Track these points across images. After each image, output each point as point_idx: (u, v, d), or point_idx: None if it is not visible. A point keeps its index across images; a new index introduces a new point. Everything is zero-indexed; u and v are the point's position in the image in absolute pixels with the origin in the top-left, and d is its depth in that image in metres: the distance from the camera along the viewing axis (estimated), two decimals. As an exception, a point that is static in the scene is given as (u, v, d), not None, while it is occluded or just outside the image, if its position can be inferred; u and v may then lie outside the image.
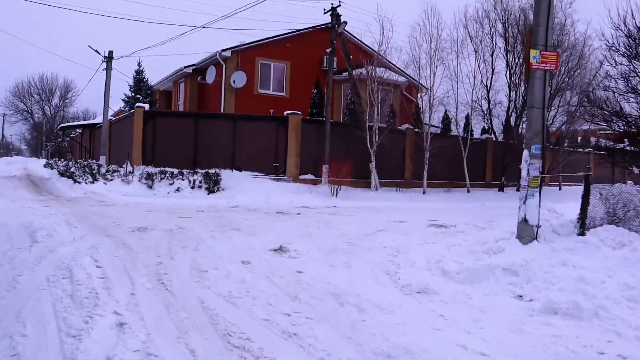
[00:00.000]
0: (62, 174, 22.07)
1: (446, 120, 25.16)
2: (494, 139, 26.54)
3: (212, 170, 16.82)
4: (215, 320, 4.57)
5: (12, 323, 4.21)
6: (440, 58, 21.03)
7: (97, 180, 17.34)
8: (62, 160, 32.30)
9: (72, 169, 19.28)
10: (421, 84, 24.96)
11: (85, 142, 32.70)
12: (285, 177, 18.59)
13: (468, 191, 23.06)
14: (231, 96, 23.88)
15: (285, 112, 19.03)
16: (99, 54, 21.05)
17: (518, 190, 25.24)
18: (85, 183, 17.32)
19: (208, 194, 16.33)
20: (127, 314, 4.54)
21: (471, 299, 5.90)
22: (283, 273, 6.61)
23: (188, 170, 17.00)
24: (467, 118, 25.35)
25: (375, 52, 21.35)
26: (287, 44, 25.48)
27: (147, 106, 18.55)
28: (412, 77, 24.77)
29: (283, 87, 25.71)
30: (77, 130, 38.86)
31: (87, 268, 6.08)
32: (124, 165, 17.65)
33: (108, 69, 21.05)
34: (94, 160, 22.58)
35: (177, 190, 16.13)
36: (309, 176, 19.07)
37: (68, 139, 45.16)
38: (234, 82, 23.29)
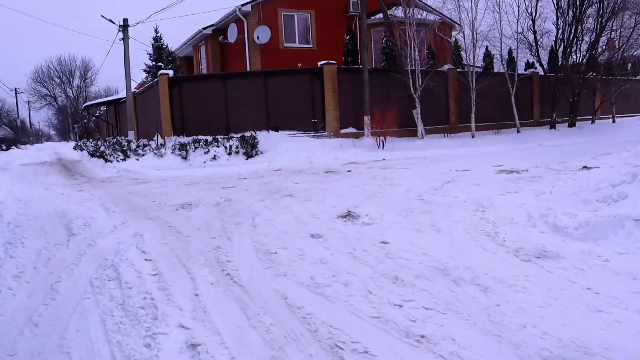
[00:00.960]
0: (92, 155, 21.21)
1: (488, 57, 23.37)
2: (540, 72, 24.70)
3: (247, 134, 15.70)
4: (311, 324, 3.48)
5: (54, 356, 3.19)
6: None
7: (128, 157, 16.40)
8: (91, 140, 31.65)
9: (102, 149, 18.37)
10: (454, 21, 23.21)
11: (111, 120, 31.86)
12: (325, 133, 17.36)
13: (518, 131, 21.53)
14: (256, 53, 22.55)
15: (319, 63, 17.65)
16: (113, 23, 19.84)
17: (571, 126, 23.76)
18: (117, 161, 16.40)
19: (246, 159, 15.27)
20: (196, 327, 3.49)
21: (607, 261, 4.70)
22: (365, 245, 5.50)
23: (222, 136, 15.91)
24: (510, 52, 23.53)
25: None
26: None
27: (171, 72, 17.40)
28: (444, 15, 23.01)
29: (309, 38, 24.24)
30: (102, 108, 38.08)
31: (135, 263, 5.06)
32: (155, 138, 16.66)
33: (125, 38, 19.85)
34: (123, 137, 21.67)
35: (214, 158, 15.09)
36: (350, 129, 17.81)
37: (94, 118, 44.52)
38: (257, 37, 21.94)
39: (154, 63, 22.92)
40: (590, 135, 20.80)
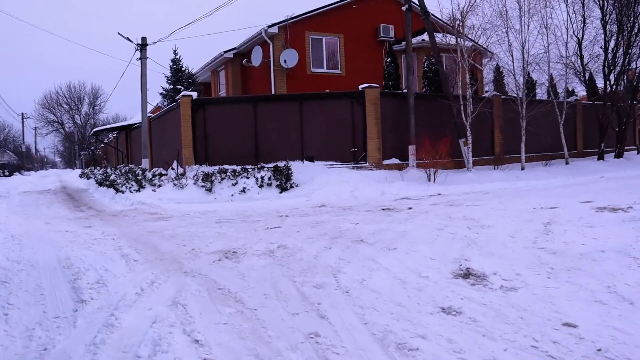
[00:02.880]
0: (100, 184, 19.35)
1: (530, 83, 21.53)
2: (582, 101, 22.87)
3: (280, 164, 13.73)
4: None
5: None
6: (535, 6, 17.39)
7: (143, 187, 14.45)
8: (98, 168, 29.79)
9: (112, 177, 16.46)
10: (487, 49, 21.50)
11: (121, 147, 30.01)
12: (367, 164, 15.38)
13: (567, 163, 19.53)
14: (282, 79, 20.81)
15: (360, 86, 15.77)
16: (131, 41, 18.13)
17: (618, 157, 21.80)
18: (130, 192, 14.44)
19: (280, 192, 13.27)
20: None
21: None
22: (542, 330, 3.53)
23: (252, 166, 13.96)
24: (551, 79, 21.75)
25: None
26: (339, 14, 22.29)
27: (194, 94, 15.53)
28: (475, 42, 21.35)
29: (337, 64, 22.53)
30: (111, 134, 36.34)
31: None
32: (173, 167, 14.72)
33: (142, 58, 18.12)
34: (135, 165, 19.77)
35: (243, 191, 13.10)
36: (394, 160, 15.82)
37: (102, 145, 42.76)
38: (284, 61, 20.21)
39: (172, 86, 21.14)
40: (648, 168, 18.84)
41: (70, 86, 64.75)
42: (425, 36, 22.31)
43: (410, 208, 10.34)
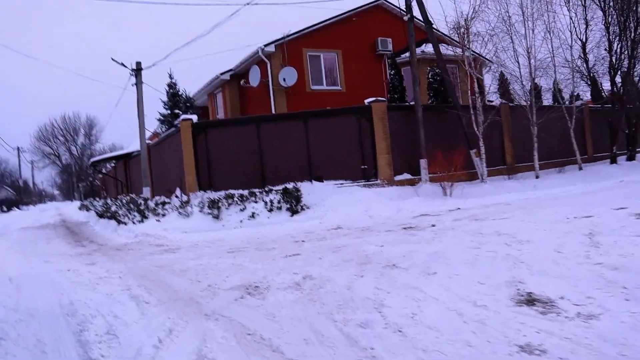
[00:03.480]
0: (101, 215, 18.67)
1: (535, 89, 21.03)
2: (589, 104, 22.38)
3: (290, 185, 13.10)
4: None
5: None
6: (538, 10, 16.93)
7: (146, 217, 13.79)
8: (98, 199, 29.12)
9: (113, 208, 15.80)
10: (486, 58, 21.05)
11: (120, 176, 29.35)
12: (378, 181, 14.75)
13: (580, 168, 18.94)
14: (281, 97, 20.32)
15: (367, 100, 15.21)
16: (125, 66, 17.61)
17: (630, 159, 21.24)
18: (133, 223, 13.78)
19: (291, 215, 12.62)
20: None
21: None
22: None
23: (259, 190, 13.32)
24: (556, 84, 21.30)
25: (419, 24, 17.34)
26: (335, 29, 21.89)
27: (194, 117, 14.95)
28: (475, 52, 20.94)
29: (337, 80, 22.06)
30: (109, 164, 35.72)
31: None
32: (177, 194, 14.08)
33: (138, 83, 17.58)
34: (135, 195, 19.12)
35: (252, 216, 12.46)
36: (405, 176, 15.20)
37: (100, 175, 42.14)
38: (283, 80, 19.76)
39: (169, 111, 20.58)
40: (666, 171, 18.29)
41: (65, 118, 64.48)
42: (425, 47, 21.93)
43: (433, 225, 9.70)
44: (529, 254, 6.30)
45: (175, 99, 20.74)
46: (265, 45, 20.08)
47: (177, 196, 13.84)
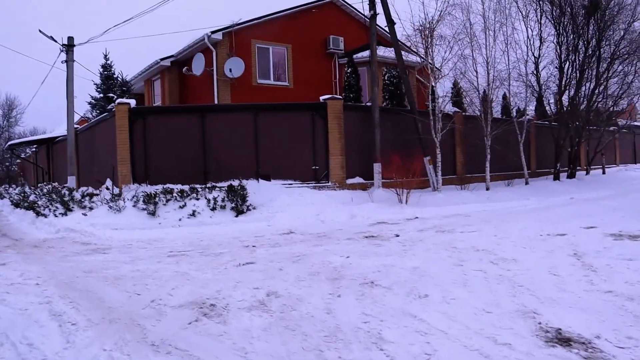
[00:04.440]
0: (17, 205, 16.75)
1: (485, 101, 20.87)
2: (534, 120, 22.50)
3: (235, 183, 11.97)
4: None
5: None
6: (499, 21, 16.61)
7: (71, 210, 12.27)
8: (14, 186, 26.66)
9: (32, 197, 14.10)
10: (436, 67, 20.76)
11: (41, 162, 26.98)
12: (329, 184, 13.84)
13: (526, 183, 18.87)
14: (226, 89, 19.09)
15: (322, 97, 14.28)
16: (55, 41, 15.81)
17: (570, 177, 21.49)
18: (55, 216, 12.23)
19: (236, 215, 11.50)
20: None
21: None
22: None
23: (201, 186, 12.11)
24: (505, 97, 21.28)
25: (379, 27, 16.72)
26: (287, 23, 20.89)
27: (132, 102, 13.50)
28: (426, 59, 20.63)
29: (285, 75, 21.05)
30: (30, 149, 32.98)
31: None
32: (108, 186, 12.64)
33: (69, 60, 15.83)
34: (58, 184, 17.33)
35: (192, 214, 11.24)
36: (358, 179, 14.38)
37: (18, 160, 39.00)
38: (229, 70, 18.52)
39: (102, 95, 18.85)
40: (607, 188, 18.52)
41: (-18, 96, 59.61)
42: (378, 51, 21.33)
43: (397, 235, 8.90)
44: (523, 275, 5.59)
45: (109, 82, 19.05)
46: (213, 32, 18.79)
47: (108, 188, 12.39)
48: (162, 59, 21.22)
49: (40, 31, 15.88)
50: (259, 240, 8.96)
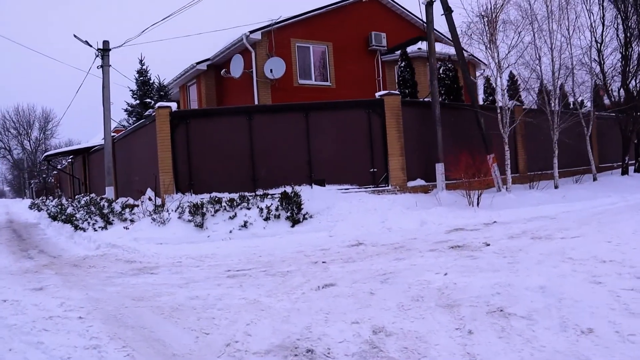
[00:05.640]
0: (54, 217, 16.04)
1: (541, 93, 19.37)
2: (598, 111, 20.86)
3: (289, 189, 10.83)
4: None
5: None
6: (560, 6, 15.11)
7: (111, 223, 11.33)
8: (51, 198, 26.14)
9: (70, 210, 13.25)
10: (480, 60, 19.34)
11: (77, 173, 26.36)
12: (389, 187, 12.59)
13: (595, 179, 17.32)
14: (266, 91, 18.06)
15: (378, 94, 13.07)
16: (90, 45, 15.01)
17: (638, 171, 19.80)
18: (94, 229, 11.30)
19: (292, 226, 10.35)
20: None
21: None
22: None
23: (251, 194, 11.02)
24: (562, 88, 19.71)
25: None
26: (326, 20, 19.79)
27: (174, 105, 12.51)
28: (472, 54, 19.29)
29: (327, 75, 19.91)
30: (66, 160, 32.54)
31: None
32: (148, 197, 11.65)
33: (104, 65, 14.99)
34: (95, 195, 16.49)
35: (244, 225, 10.14)
36: (419, 182, 13.11)
37: (55, 172, 38.74)
38: (270, 71, 17.49)
39: (138, 101, 17.99)
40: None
41: (19, 109, 60.22)
42: (421, 44, 20.06)
43: (487, 244, 7.62)
44: None
45: (145, 88, 18.19)
46: (251, 32, 17.79)
47: (150, 199, 11.38)
48: (197, 63, 20.36)
49: (75, 36, 15.14)
50: (327, 255, 7.79)
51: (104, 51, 14.97)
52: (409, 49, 18.45)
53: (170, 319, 4.75)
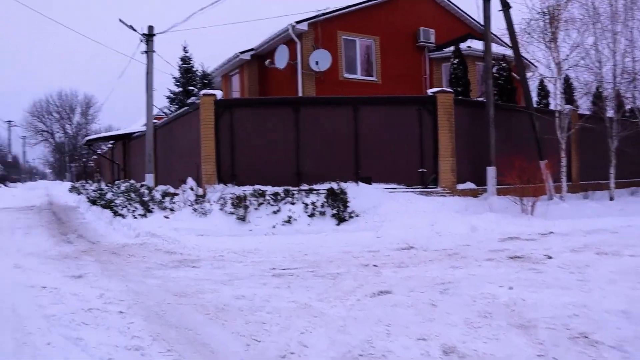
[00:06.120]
0: (93, 202, 15.99)
1: (599, 98, 18.45)
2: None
3: (335, 185, 10.42)
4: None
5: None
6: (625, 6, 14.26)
7: (151, 211, 11.14)
8: (91, 182, 26.35)
9: (109, 195, 13.12)
10: (529, 61, 18.50)
11: (117, 159, 26.52)
12: (438, 189, 12.08)
13: (648, 191, 16.42)
14: (311, 84, 17.65)
15: (430, 90, 12.56)
16: (135, 30, 14.86)
17: None
18: (134, 217, 11.11)
19: (337, 224, 9.95)
20: None
21: None
22: None
23: (295, 188, 10.66)
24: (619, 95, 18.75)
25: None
26: (374, 13, 19.28)
27: (218, 93, 12.23)
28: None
29: (373, 69, 19.41)
30: (106, 145, 32.86)
31: None
32: (190, 186, 11.40)
33: (149, 51, 14.83)
34: (134, 181, 16.38)
35: (288, 221, 9.79)
36: (468, 185, 12.55)
37: (95, 156, 39.22)
38: (316, 63, 17.09)
39: (181, 88, 17.81)
40: None
41: (62, 94, 61.37)
42: (471, 42, 19.40)
43: (549, 257, 7.07)
44: None
45: (188, 76, 18.02)
46: (297, 23, 17.41)
47: (192, 188, 11.13)
48: (241, 52, 20.10)
49: (120, 20, 14.99)
50: (376, 257, 7.36)
51: (149, 36, 14.80)
52: (460, 46, 17.80)
53: (216, 320, 4.41)
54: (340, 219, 9.94)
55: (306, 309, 4.72)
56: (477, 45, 18.14)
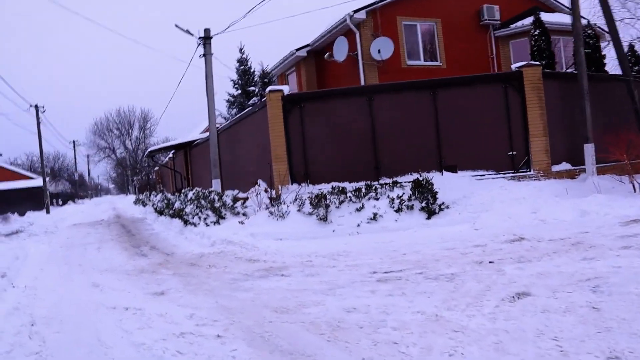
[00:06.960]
0: (160, 212, 15.67)
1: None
2: None
3: (417, 176, 9.50)
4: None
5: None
6: None
7: (223, 217, 10.54)
8: (155, 193, 26.35)
9: (177, 204, 12.65)
10: (603, 30, 16.90)
11: (179, 168, 26.42)
12: (531, 172, 10.96)
13: None
14: (373, 73, 16.74)
15: (514, 65, 11.45)
16: (191, 34, 14.42)
17: None
18: (206, 224, 10.56)
19: (427, 217, 9.03)
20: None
21: None
22: None
23: (377, 183, 9.82)
24: None
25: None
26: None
27: (286, 88, 11.53)
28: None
29: (436, 54, 18.29)
30: (166, 155, 32.95)
31: None
32: (264, 188, 10.74)
33: (207, 54, 14.34)
34: (201, 189, 15.95)
35: (373, 218, 8.95)
36: (564, 166, 11.36)
37: (156, 168, 39.60)
38: (378, 52, 16.18)
39: (239, 91, 17.28)
40: None
41: (120, 111, 63.03)
42: (526, 21, 18.07)
43: None
44: None
45: (246, 77, 17.46)
46: (355, 12, 16.55)
47: (266, 190, 10.46)
48: (297, 49, 19.44)
49: (176, 25, 14.61)
50: (486, 252, 6.43)
51: (206, 39, 14.32)
52: (519, 24, 16.55)
53: (335, 342, 3.61)
54: (430, 212, 9.02)
55: (438, 321, 3.87)
56: (547, 18, 16.81)
